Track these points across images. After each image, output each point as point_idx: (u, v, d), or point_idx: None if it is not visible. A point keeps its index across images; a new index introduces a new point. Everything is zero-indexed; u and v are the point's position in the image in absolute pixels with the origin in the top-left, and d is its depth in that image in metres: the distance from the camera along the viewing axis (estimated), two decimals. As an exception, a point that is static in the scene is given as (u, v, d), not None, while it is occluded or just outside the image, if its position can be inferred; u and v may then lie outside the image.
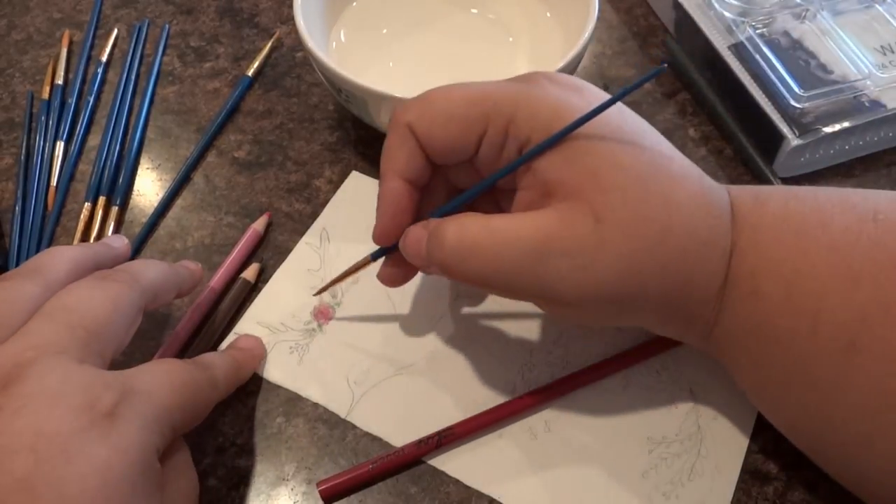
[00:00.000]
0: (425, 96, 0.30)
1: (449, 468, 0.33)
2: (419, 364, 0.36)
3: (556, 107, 0.28)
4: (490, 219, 0.29)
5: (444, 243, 0.29)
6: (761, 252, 0.29)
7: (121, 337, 0.29)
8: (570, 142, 0.28)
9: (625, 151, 0.28)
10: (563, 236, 0.27)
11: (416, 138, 0.30)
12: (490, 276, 0.28)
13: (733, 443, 0.34)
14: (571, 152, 0.28)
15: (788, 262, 0.28)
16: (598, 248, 0.27)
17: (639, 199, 0.27)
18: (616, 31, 0.51)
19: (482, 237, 0.28)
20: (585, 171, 0.28)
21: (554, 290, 0.28)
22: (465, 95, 0.30)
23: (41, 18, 0.51)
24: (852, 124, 0.41)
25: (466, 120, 0.29)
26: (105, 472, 0.23)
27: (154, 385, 0.27)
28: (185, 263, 0.35)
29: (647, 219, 0.27)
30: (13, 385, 0.24)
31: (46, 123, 0.45)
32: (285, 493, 0.33)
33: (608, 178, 0.27)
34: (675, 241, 0.28)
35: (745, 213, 0.30)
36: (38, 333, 0.26)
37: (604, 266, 0.27)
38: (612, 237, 0.27)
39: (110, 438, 0.24)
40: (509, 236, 0.28)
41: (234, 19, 0.51)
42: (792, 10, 0.46)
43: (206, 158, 0.44)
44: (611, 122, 0.29)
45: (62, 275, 0.29)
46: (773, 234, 0.29)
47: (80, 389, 0.25)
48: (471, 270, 0.29)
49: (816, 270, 0.28)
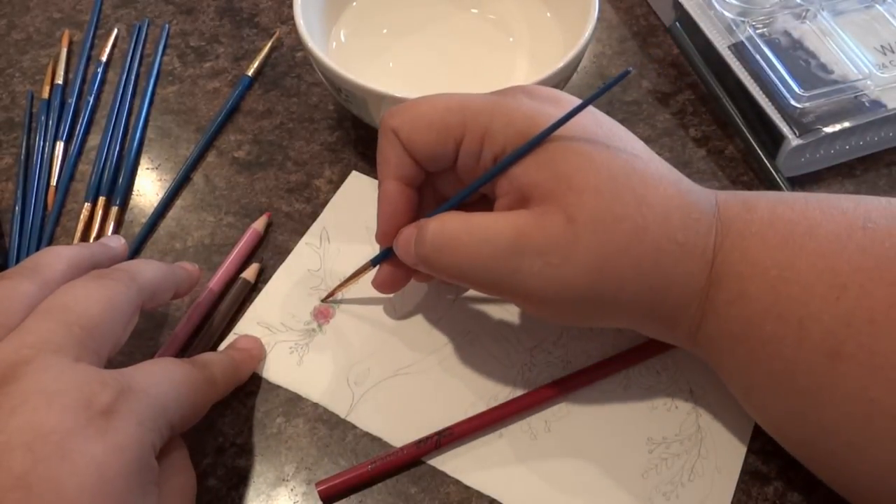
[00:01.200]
0: (410, 103, 0.31)
1: (449, 468, 0.33)
2: (419, 364, 0.36)
3: (531, 116, 0.29)
4: (470, 216, 0.30)
5: (426, 238, 0.30)
6: (747, 256, 0.29)
7: (117, 335, 0.29)
8: (543, 147, 0.29)
9: (598, 153, 0.29)
10: (536, 234, 0.28)
11: (400, 142, 0.31)
12: (467, 271, 0.30)
13: (733, 443, 0.34)
14: (545, 157, 0.29)
15: (775, 267, 0.28)
16: (570, 246, 0.28)
17: (611, 199, 0.28)
18: (616, 31, 0.51)
19: (460, 232, 0.29)
20: (558, 173, 0.28)
21: (528, 286, 0.29)
22: (445, 104, 0.31)
23: (41, 18, 0.51)
24: (852, 124, 0.41)
25: (444, 127, 0.30)
26: (101, 469, 0.24)
27: (151, 383, 0.27)
28: (183, 264, 0.35)
29: (619, 217, 0.28)
30: (10, 383, 0.24)
31: (46, 123, 0.45)
32: (285, 493, 0.33)
33: (580, 180, 0.28)
34: (650, 240, 0.28)
35: (732, 217, 0.30)
36: (35, 332, 0.26)
37: (576, 264, 0.28)
38: (585, 235, 0.28)
39: (107, 436, 0.24)
40: (487, 233, 0.29)
41: (234, 19, 0.51)
42: (792, 9, 0.46)
43: (205, 158, 0.44)
44: (585, 126, 0.29)
45: (59, 274, 0.29)
46: (760, 239, 0.29)
47: (76, 387, 0.25)
48: (449, 264, 0.30)
49: (802, 276, 0.27)
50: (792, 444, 0.31)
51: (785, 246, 0.28)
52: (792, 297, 0.28)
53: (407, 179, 0.32)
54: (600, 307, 0.29)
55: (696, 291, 0.29)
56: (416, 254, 0.31)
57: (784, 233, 0.29)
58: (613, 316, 0.30)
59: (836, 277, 0.27)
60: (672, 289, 0.29)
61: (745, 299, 0.28)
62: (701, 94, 0.46)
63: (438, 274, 0.31)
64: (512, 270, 0.28)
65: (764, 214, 0.29)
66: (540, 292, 0.29)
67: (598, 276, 0.28)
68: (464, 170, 0.31)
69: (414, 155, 0.31)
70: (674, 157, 0.44)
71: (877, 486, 0.27)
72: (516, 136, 0.29)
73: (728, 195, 0.31)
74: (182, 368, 0.29)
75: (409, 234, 0.32)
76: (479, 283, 0.30)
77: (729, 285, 0.29)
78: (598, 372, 0.35)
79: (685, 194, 0.30)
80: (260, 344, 0.36)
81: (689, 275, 0.29)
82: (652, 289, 0.29)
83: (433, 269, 0.31)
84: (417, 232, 0.31)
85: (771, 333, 0.28)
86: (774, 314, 0.28)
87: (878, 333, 0.26)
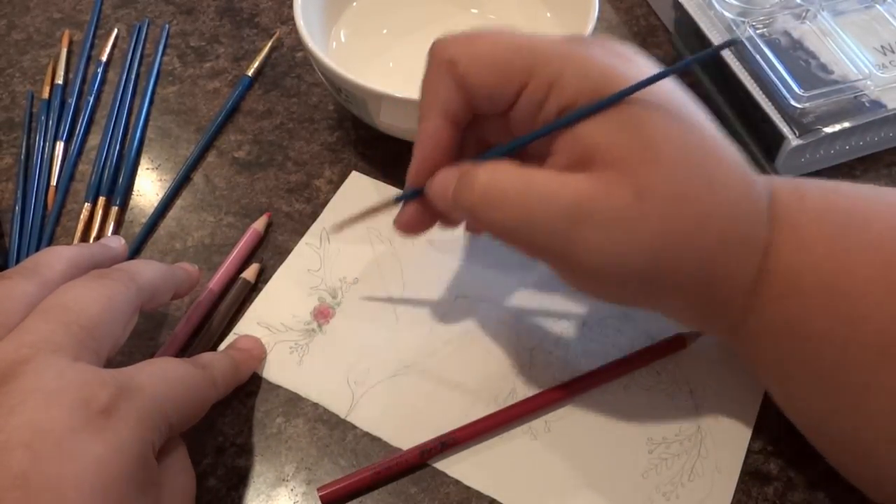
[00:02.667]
0: (471, 34, 0.29)
1: (449, 469, 0.33)
2: (419, 364, 0.36)
3: (607, 72, 0.27)
4: (527, 171, 0.27)
5: (475, 186, 0.28)
6: (801, 248, 0.27)
7: (117, 335, 0.29)
8: (619, 109, 0.26)
9: (675, 126, 0.27)
10: (600, 204, 0.26)
11: (455, 76, 0.28)
12: (516, 229, 0.27)
13: (733, 443, 0.34)
14: (621, 119, 0.26)
15: (829, 260, 0.27)
16: (635, 223, 0.26)
17: (684, 178, 0.26)
18: (616, 31, 0.51)
19: (517, 186, 0.27)
20: (634, 140, 0.26)
21: (580, 257, 0.27)
22: (512, 42, 0.28)
23: (41, 18, 0.51)
24: (852, 124, 0.41)
25: (510, 67, 0.28)
26: (100, 468, 0.23)
27: (150, 382, 0.27)
28: (183, 265, 0.35)
29: (689, 199, 0.26)
30: (9, 382, 0.24)
31: (46, 123, 0.45)
32: (285, 493, 0.33)
33: (655, 151, 0.26)
34: (715, 227, 0.27)
35: (785, 206, 0.28)
36: (34, 331, 0.26)
37: (638, 242, 0.26)
38: (652, 213, 0.26)
39: (106, 435, 0.24)
40: (546, 191, 0.27)
41: (234, 19, 0.51)
42: (792, 10, 0.46)
43: (206, 158, 0.44)
44: (664, 95, 0.27)
45: (58, 274, 0.29)
46: (814, 229, 0.27)
47: (75, 387, 0.25)
48: (498, 219, 0.28)
49: (858, 270, 0.26)
50: (824, 440, 0.30)
51: (841, 237, 0.27)
52: (846, 293, 0.26)
53: (454, 117, 0.29)
54: (649, 290, 0.28)
55: (748, 283, 0.28)
56: (459, 200, 0.28)
57: (839, 223, 0.27)
58: (657, 299, 0.29)
59: (892, 272, 0.26)
60: (726, 280, 0.28)
61: (798, 294, 0.27)
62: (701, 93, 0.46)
63: (482, 225, 0.29)
64: (566, 238, 0.26)
65: (818, 203, 0.28)
66: (591, 265, 0.27)
67: (656, 258, 0.26)
68: (520, 117, 0.29)
69: (469, 92, 0.28)
70: (674, 157, 0.44)
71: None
72: (590, 90, 0.27)
73: (781, 182, 0.29)
74: (182, 368, 0.29)
75: (448, 176, 0.29)
76: (527, 244, 0.28)
77: (781, 279, 0.27)
78: (605, 375, 0.35)
79: (751, 183, 0.28)
80: (260, 344, 0.36)
81: (745, 265, 0.28)
82: (706, 278, 0.27)
83: (477, 220, 0.28)
84: (462, 177, 0.28)
85: (821, 329, 0.27)
86: (827, 310, 0.27)
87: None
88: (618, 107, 0.26)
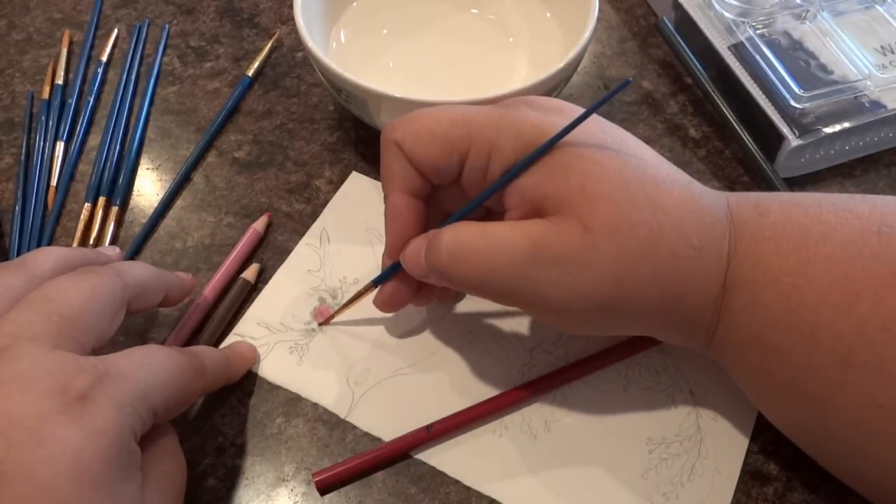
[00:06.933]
0: (412, 115, 0.31)
1: (449, 468, 0.33)
2: (419, 364, 0.36)
3: (539, 126, 0.29)
4: (485, 225, 0.29)
5: (441, 248, 0.29)
6: (760, 262, 0.28)
7: (101, 326, 0.28)
8: (552, 157, 0.29)
9: (608, 160, 0.28)
10: (553, 244, 0.28)
11: (405, 154, 0.31)
12: (483, 280, 0.29)
13: (733, 444, 0.34)
14: (555, 166, 0.28)
15: (788, 273, 0.28)
16: (588, 255, 0.27)
17: (626, 206, 0.28)
18: (616, 31, 0.51)
19: (477, 241, 0.29)
20: (570, 183, 0.28)
21: (546, 296, 0.28)
22: (449, 116, 0.30)
23: (41, 18, 0.51)
24: (852, 125, 0.41)
25: (449, 140, 0.30)
26: (77, 455, 0.23)
27: (131, 368, 0.27)
28: (178, 273, 0.35)
29: (635, 224, 0.28)
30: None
31: (46, 123, 0.45)
32: (285, 493, 0.33)
33: (593, 188, 0.28)
34: (666, 246, 0.28)
35: (745, 221, 0.29)
36: (14, 321, 0.26)
37: (594, 273, 0.28)
38: (601, 244, 0.27)
39: (83, 421, 0.24)
40: (504, 241, 0.28)
41: (234, 19, 0.51)
42: (792, 10, 0.46)
43: (206, 159, 0.44)
44: (592, 133, 0.29)
45: (46, 270, 0.29)
46: (773, 244, 0.28)
47: (51, 373, 0.25)
48: (465, 274, 0.29)
49: (816, 284, 0.27)
50: (803, 445, 0.31)
51: (798, 251, 0.28)
52: (805, 305, 0.27)
53: (414, 191, 0.31)
54: (618, 316, 0.29)
55: (712, 297, 0.29)
56: (429, 265, 0.30)
57: (797, 238, 0.28)
58: (631, 324, 0.30)
59: (850, 284, 0.27)
60: (689, 295, 0.29)
61: (758, 307, 0.28)
62: (701, 94, 0.46)
63: (453, 284, 0.30)
64: (529, 280, 0.28)
65: (777, 219, 0.29)
66: (558, 302, 0.28)
67: (617, 284, 0.28)
68: (469, 183, 0.31)
69: (418, 167, 0.31)
70: (673, 157, 0.44)
71: (887, 484, 0.27)
72: (525, 147, 0.29)
73: (739, 197, 0.31)
74: (166, 354, 0.29)
75: (418, 245, 0.31)
76: (496, 292, 0.30)
77: (742, 292, 0.29)
78: (596, 363, 0.35)
79: (698, 198, 0.29)
80: (254, 349, 0.36)
81: (705, 280, 0.29)
82: (669, 296, 0.29)
83: (448, 280, 0.30)
84: (430, 242, 0.30)
85: (783, 341, 0.28)
86: (787, 322, 0.28)
87: (890, 341, 0.26)
88: (550, 156, 0.29)
